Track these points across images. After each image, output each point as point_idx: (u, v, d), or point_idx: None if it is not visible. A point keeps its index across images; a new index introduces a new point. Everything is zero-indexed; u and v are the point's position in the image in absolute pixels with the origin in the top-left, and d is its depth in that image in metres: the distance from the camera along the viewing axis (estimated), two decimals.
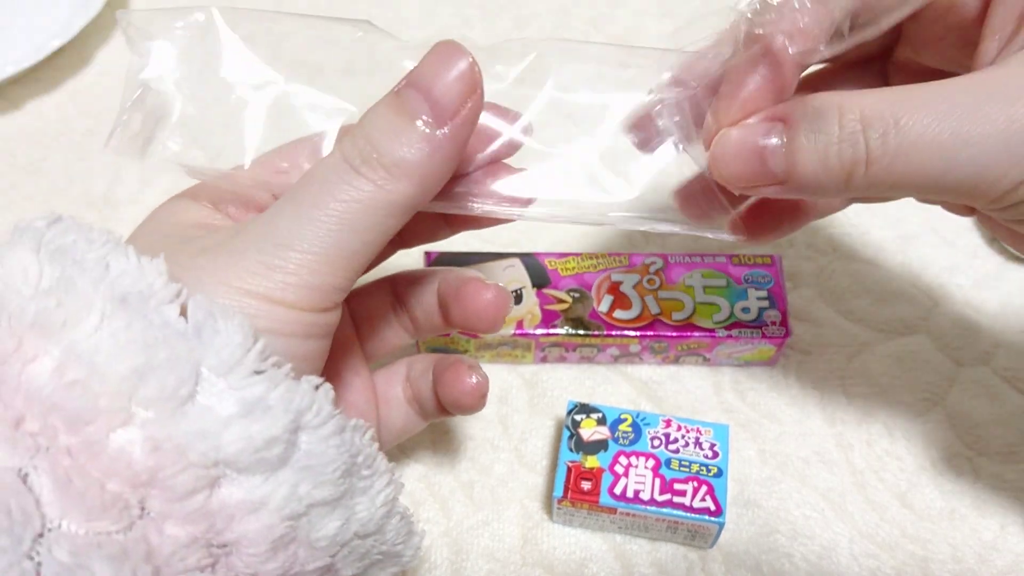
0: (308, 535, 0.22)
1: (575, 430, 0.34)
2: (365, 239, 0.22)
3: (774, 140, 0.23)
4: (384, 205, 0.22)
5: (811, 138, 0.23)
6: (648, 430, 0.34)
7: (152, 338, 0.20)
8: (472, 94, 0.22)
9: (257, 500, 0.21)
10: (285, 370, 0.21)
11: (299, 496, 0.21)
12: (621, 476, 0.33)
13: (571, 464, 0.33)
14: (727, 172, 0.24)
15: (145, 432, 0.20)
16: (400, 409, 0.31)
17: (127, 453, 0.19)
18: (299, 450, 0.21)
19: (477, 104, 0.22)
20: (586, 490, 0.32)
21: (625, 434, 0.34)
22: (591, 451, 0.33)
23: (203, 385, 0.20)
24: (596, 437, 0.34)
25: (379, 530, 0.24)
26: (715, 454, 0.33)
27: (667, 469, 0.33)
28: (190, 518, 0.20)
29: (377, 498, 0.24)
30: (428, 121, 0.22)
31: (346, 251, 0.22)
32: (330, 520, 0.22)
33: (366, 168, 0.22)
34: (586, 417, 0.34)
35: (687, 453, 0.33)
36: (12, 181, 0.47)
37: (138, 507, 0.20)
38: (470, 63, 0.22)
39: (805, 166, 0.23)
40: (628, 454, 0.33)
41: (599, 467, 0.33)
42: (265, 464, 0.21)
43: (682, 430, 0.34)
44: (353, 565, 0.24)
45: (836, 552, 0.34)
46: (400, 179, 0.22)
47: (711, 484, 0.32)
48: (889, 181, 0.22)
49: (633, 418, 0.34)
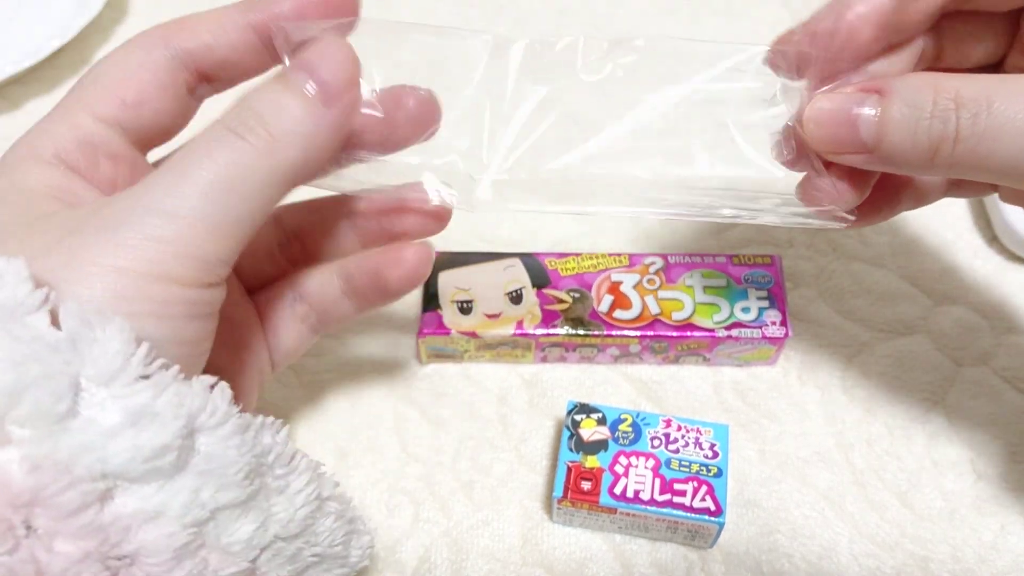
0: (218, 540, 0.21)
1: (575, 430, 0.34)
2: (250, 207, 0.22)
3: (868, 110, 0.24)
4: (267, 171, 0.22)
5: (904, 111, 0.23)
6: (648, 430, 0.34)
7: (21, 355, 0.19)
8: (355, 84, 0.23)
9: (153, 509, 0.20)
10: (172, 372, 0.20)
11: (201, 502, 0.21)
12: (621, 476, 0.33)
13: (571, 464, 0.33)
14: (818, 135, 0.25)
15: (22, 451, 0.19)
16: (290, 328, 0.31)
17: (6, 474, 0.19)
18: (198, 454, 0.21)
19: (358, 95, 0.24)
20: (586, 490, 0.32)
21: (625, 434, 0.34)
22: (591, 451, 0.33)
23: (83, 397, 0.19)
24: (596, 437, 0.34)
25: (306, 531, 0.24)
26: (715, 454, 0.33)
27: (667, 469, 0.33)
28: (81, 533, 0.19)
29: (296, 498, 0.23)
30: (315, 98, 0.23)
31: (230, 217, 0.22)
32: (242, 523, 0.22)
33: (251, 135, 0.22)
34: (586, 417, 0.34)
35: (687, 453, 0.33)
36: None
37: (23, 527, 0.19)
38: (353, 57, 0.23)
39: (894, 137, 0.24)
40: (628, 454, 0.33)
41: (599, 467, 0.33)
42: (158, 472, 0.20)
43: (682, 430, 0.34)
44: (282, 568, 0.24)
45: (836, 552, 0.34)
46: (286, 147, 0.22)
47: (711, 484, 0.32)
48: (973, 161, 0.23)
49: (633, 418, 0.34)
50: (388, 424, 0.37)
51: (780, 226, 0.27)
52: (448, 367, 0.39)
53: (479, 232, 0.43)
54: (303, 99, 0.23)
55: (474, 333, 0.37)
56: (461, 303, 0.38)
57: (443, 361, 0.39)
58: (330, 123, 0.23)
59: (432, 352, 0.38)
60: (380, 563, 0.34)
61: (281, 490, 0.23)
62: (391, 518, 0.35)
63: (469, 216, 0.29)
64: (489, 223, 0.44)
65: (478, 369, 0.39)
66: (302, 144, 0.23)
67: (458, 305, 0.38)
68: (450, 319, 0.37)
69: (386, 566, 0.34)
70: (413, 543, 0.34)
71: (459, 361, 0.39)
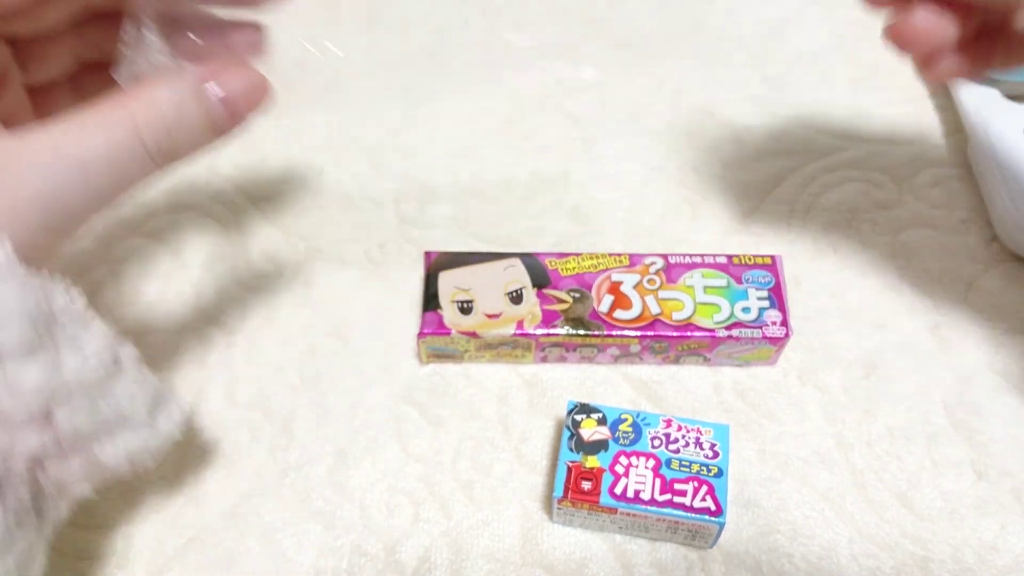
0: (5, 380, 0.24)
1: (575, 430, 0.34)
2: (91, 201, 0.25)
3: None
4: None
5: None
6: (648, 430, 0.34)
7: None
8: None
9: None
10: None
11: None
12: (621, 476, 0.33)
13: (571, 464, 0.33)
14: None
15: None
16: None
17: None
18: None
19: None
20: (586, 490, 0.32)
21: (625, 434, 0.34)
22: (591, 451, 0.33)
23: None
24: (596, 437, 0.34)
25: (101, 386, 0.26)
26: (715, 454, 0.33)
27: (667, 469, 0.33)
28: None
29: (89, 357, 0.25)
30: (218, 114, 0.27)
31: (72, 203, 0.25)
32: (30, 368, 0.24)
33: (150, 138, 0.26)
34: (586, 417, 0.34)
35: (687, 453, 0.33)
36: None
37: None
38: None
39: None
40: (628, 454, 0.33)
41: (599, 467, 0.33)
42: None
43: (682, 430, 0.34)
44: (78, 417, 0.25)
45: (836, 552, 0.34)
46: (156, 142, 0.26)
47: (711, 484, 0.32)
48: None
49: (633, 418, 0.34)
50: (388, 424, 0.37)
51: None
52: (448, 367, 0.39)
53: (479, 232, 0.43)
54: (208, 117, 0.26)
55: (474, 333, 0.37)
56: (461, 303, 0.38)
57: (443, 361, 0.39)
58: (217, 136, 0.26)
59: (432, 352, 0.38)
60: (380, 563, 0.34)
61: (71, 344, 0.25)
62: (391, 518, 0.35)
63: (469, 216, 0.29)
64: (489, 223, 0.44)
65: (478, 369, 0.39)
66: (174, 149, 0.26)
67: (458, 305, 0.38)
68: (450, 319, 0.37)
69: (386, 566, 0.34)
70: (413, 543, 0.34)
71: (459, 361, 0.39)
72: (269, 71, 0.28)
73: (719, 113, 0.49)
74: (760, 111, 0.49)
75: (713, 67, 0.51)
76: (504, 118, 0.49)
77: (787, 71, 0.51)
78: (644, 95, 0.50)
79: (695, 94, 0.50)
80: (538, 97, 0.50)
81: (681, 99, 0.50)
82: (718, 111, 0.49)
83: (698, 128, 0.48)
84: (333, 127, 0.49)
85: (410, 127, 0.49)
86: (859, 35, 0.52)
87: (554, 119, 0.49)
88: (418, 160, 0.47)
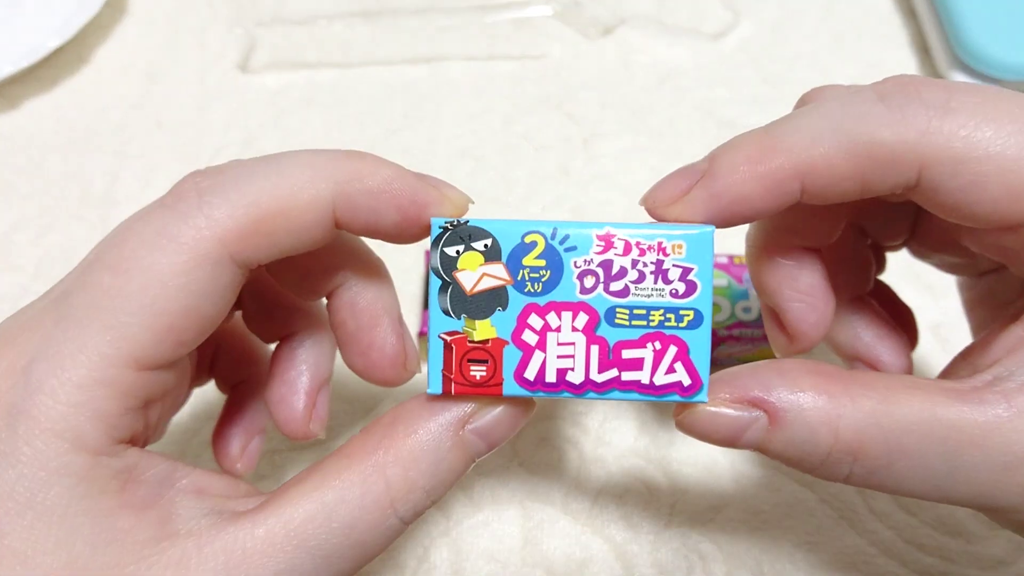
0: None
1: (449, 274, 0.21)
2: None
3: (754, 431, 0.22)
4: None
5: (793, 446, 0.22)
6: (574, 259, 0.20)
7: None
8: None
9: None
10: None
11: None
12: (534, 349, 0.20)
13: (449, 337, 0.21)
14: (698, 434, 0.22)
15: None
16: None
17: None
18: None
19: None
20: (479, 379, 0.21)
21: (535, 272, 0.20)
22: (479, 311, 0.20)
23: None
24: (487, 285, 0.20)
25: None
26: (690, 287, 0.20)
27: (609, 326, 0.20)
28: None
29: None
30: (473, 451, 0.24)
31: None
32: None
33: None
34: (466, 248, 0.21)
35: (642, 292, 0.20)
36: (10, 181, 0.47)
37: None
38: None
39: (782, 455, 0.22)
40: (543, 309, 0.20)
41: (496, 338, 0.20)
42: None
43: (632, 251, 0.20)
44: None
45: (837, 554, 0.33)
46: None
47: (683, 341, 0.20)
48: (865, 484, 0.22)
49: (546, 239, 0.20)
50: None
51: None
52: None
53: None
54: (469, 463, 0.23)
55: None
56: None
57: None
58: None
59: None
60: (380, 563, 0.34)
61: None
62: None
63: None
64: None
65: None
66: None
67: None
68: None
69: (386, 566, 0.34)
70: (413, 543, 0.34)
71: None
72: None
73: (719, 113, 0.49)
74: (760, 111, 0.49)
75: (713, 67, 0.51)
76: (504, 118, 0.49)
77: (787, 71, 0.51)
78: (644, 95, 0.50)
79: (695, 94, 0.50)
80: (538, 97, 0.50)
81: (681, 99, 0.50)
82: (718, 111, 0.49)
83: (698, 128, 0.48)
84: (333, 126, 0.49)
85: (410, 127, 0.49)
86: (859, 35, 0.52)
87: (554, 119, 0.49)
88: (418, 160, 0.47)
